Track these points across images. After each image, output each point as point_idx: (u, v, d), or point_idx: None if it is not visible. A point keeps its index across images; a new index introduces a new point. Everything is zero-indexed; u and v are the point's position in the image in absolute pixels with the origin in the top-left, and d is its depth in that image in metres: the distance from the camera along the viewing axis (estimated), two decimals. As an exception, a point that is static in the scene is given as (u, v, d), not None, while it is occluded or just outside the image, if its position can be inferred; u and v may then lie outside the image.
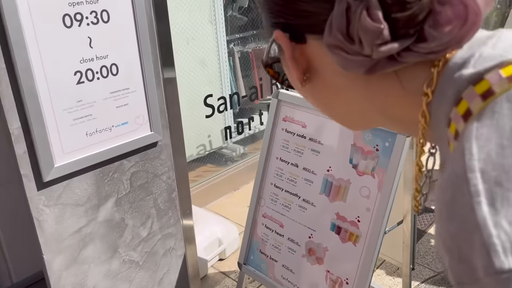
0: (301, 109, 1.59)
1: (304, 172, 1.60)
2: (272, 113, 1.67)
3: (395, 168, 1.36)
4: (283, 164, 1.66)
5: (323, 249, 1.57)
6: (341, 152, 1.50)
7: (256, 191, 1.75)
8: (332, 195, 1.53)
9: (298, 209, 1.63)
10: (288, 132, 1.64)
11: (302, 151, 1.61)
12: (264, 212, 1.74)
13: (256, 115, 3.16)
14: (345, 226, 1.50)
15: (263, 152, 1.71)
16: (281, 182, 1.68)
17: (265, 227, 1.74)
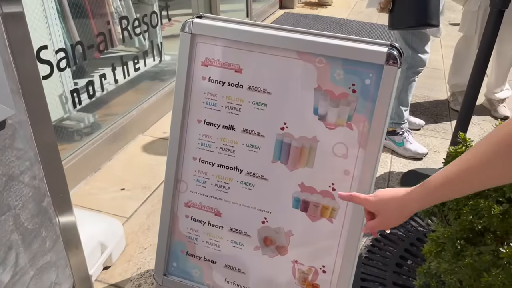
0: (232, 45, 1.10)
1: (246, 136, 1.14)
2: (184, 56, 1.13)
3: (384, 113, 1.01)
4: (211, 128, 1.17)
5: (285, 235, 1.16)
6: (300, 100, 1.08)
7: (170, 173, 1.22)
8: (292, 161, 1.12)
9: (241, 187, 1.18)
10: (213, 82, 1.14)
11: (239, 106, 1.13)
12: (188, 200, 1.23)
13: (107, 70, 2.48)
14: (315, 199, 1.12)
15: (175, 116, 1.18)
16: (210, 154, 1.18)
17: (191, 220, 1.24)
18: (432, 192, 0.78)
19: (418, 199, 0.81)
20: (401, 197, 0.84)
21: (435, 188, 0.77)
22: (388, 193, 0.88)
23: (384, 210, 0.88)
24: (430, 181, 0.78)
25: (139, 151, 2.57)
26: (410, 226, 2.05)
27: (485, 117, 3.09)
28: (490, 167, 0.68)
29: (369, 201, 0.91)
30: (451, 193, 0.77)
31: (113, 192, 2.20)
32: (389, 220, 0.88)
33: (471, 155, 0.71)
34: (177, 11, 3.30)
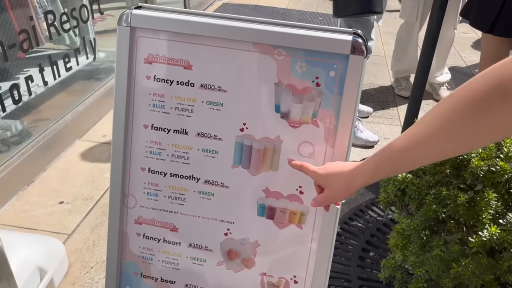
0: (179, 39, 0.97)
1: (201, 140, 1.02)
2: (123, 52, 0.98)
3: (352, 107, 0.93)
4: (160, 134, 1.03)
5: (251, 246, 1.06)
6: (260, 97, 0.97)
7: (115, 187, 1.07)
8: (254, 165, 1.01)
9: (199, 198, 1.05)
10: (159, 81, 1.00)
11: (190, 107, 1.00)
12: (138, 216, 1.09)
13: (34, 71, 2.24)
14: (281, 204, 1.02)
15: (117, 122, 1.03)
16: (160, 163, 1.05)
17: (144, 239, 1.10)
18: (380, 166, 0.77)
19: (366, 173, 0.80)
20: (350, 171, 0.83)
21: (383, 163, 0.76)
22: (337, 166, 0.87)
23: (332, 184, 0.87)
24: (378, 155, 0.77)
25: (77, 158, 2.35)
26: (369, 216, 2.02)
27: (428, 101, 3.16)
28: (437, 140, 0.66)
29: (317, 173, 0.89)
30: (399, 166, 0.76)
31: (50, 207, 1.99)
32: (336, 193, 0.87)
33: (419, 127, 0.69)
34: (110, 4, 3.06)
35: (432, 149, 0.68)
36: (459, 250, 1.25)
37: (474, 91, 0.61)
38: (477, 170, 1.27)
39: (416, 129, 0.70)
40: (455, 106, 0.63)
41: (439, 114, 0.66)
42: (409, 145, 0.71)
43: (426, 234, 1.35)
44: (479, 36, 4.56)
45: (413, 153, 0.71)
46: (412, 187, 1.43)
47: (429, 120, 0.68)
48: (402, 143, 0.72)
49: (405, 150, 0.72)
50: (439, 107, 0.66)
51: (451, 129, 0.64)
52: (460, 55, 4.04)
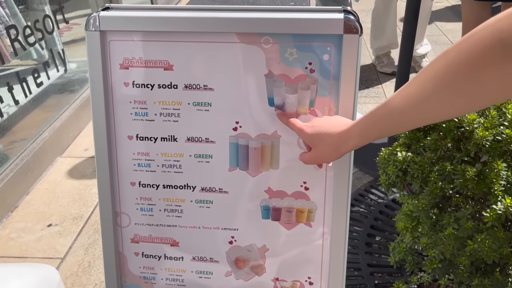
0: (155, 38, 0.88)
1: (192, 145, 0.93)
2: (96, 60, 0.89)
3: (351, 90, 0.86)
4: (147, 144, 0.95)
5: (259, 251, 0.99)
6: (250, 92, 0.89)
7: (105, 206, 0.98)
8: (253, 165, 0.93)
9: (198, 207, 0.97)
10: (138, 87, 0.91)
11: (176, 111, 0.92)
12: (134, 235, 1.01)
13: (3, 91, 2.11)
14: (286, 203, 0.95)
15: (98, 136, 0.94)
16: (151, 175, 0.96)
17: (143, 258, 1.02)
18: (372, 126, 0.73)
19: (357, 136, 0.75)
20: (338, 134, 0.78)
21: (376, 122, 0.71)
22: (325, 126, 0.81)
23: (319, 145, 0.81)
24: (368, 118, 0.72)
25: (60, 177, 2.24)
26: (370, 200, 1.97)
27: (411, 75, 3.12)
28: (431, 103, 0.61)
29: (304, 131, 0.84)
30: (392, 127, 0.71)
31: (38, 231, 1.88)
32: (324, 155, 0.82)
33: (410, 89, 0.64)
34: (74, 12, 2.93)
35: (425, 112, 0.64)
36: (472, 226, 1.20)
37: (470, 48, 0.54)
38: (481, 140, 1.21)
39: (408, 91, 0.65)
40: (450, 66, 0.56)
41: (432, 75, 0.60)
42: (401, 108, 0.66)
43: (435, 213, 1.30)
44: (451, 3, 4.55)
45: (404, 116, 0.66)
46: (414, 165, 1.37)
47: (422, 81, 0.62)
48: (393, 105, 0.68)
49: (396, 113, 0.67)
50: (432, 67, 0.60)
51: (445, 92, 0.58)
52: (436, 25, 4.01)
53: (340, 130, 0.78)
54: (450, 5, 4.49)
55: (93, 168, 2.25)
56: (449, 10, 4.39)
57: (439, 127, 1.33)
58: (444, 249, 1.28)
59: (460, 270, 1.30)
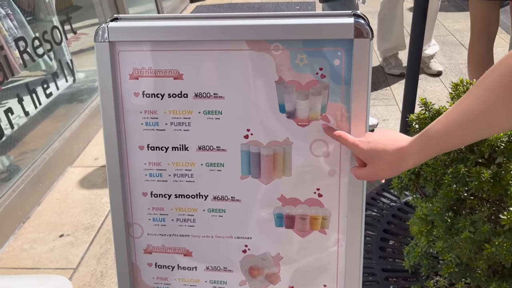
0: (164, 47, 0.88)
1: (203, 154, 0.93)
2: (105, 71, 0.89)
3: (364, 94, 0.85)
4: (158, 153, 0.94)
5: (273, 260, 0.97)
6: (261, 99, 0.89)
7: (118, 217, 0.98)
8: (265, 172, 0.92)
9: (210, 216, 0.96)
10: (148, 96, 0.91)
11: (187, 120, 0.91)
12: (147, 246, 1.00)
13: (13, 102, 2.13)
14: (300, 211, 0.94)
15: (109, 147, 0.94)
16: (163, 185, 0.96)
17: (156, 268, 1.01)
18: (432, 143, 0.71)
19: (417, 153, 0.73)
20: (397, 151, 0.75)
21: (436, 139, 0.70)
22: (381, 142, 0.78)
23: (376, 161, 0.78)
24: (430, 132, 0.71)
25: (71, 187, 2.25)
26: (382, 204, 1.95)
27: (420, 76, 3.09)
28: (493, 112, 0.61)
29: (359, 147, 0.81)
30: (453, 143, 0.71)
31: (50, 242, 1.89)
32: (381, 172, 0.79)
33: (471, 100, 0.64)
34: (82, 22, 2.96)
35: (484, 125, 0.64)
36: (489, 229, 1.18)
37: None
38: (496, 142, 1.19)
39: (465, 105, 0.65)
40: (505, 78, 0.57)
41: (487, 88, 0.60)
42: (460, 122, 0.66)
43: (450, 216, 1.28)
44: (457, 3, 4.52)
45: (462, 130, 0.66)
46: (427, 168, 1.35)
47: (477, 95, 0.62)
48: (449, 120, 0.67)
49: (459, 126, 0.66)
50: (486, 80, 0.61)
51: (504, 104, 0.59)
52: (443, 25, 3.98)
53: (398, 147, 0.76)
54: (457, 5, 4.46)
55: (104, 178, 2.26)
56: (455, 9, 4.37)
57: (452, 129, 1.31)
58: (460, 253, 1.26)
59: (478, 274, 1.28)
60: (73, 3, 2.92)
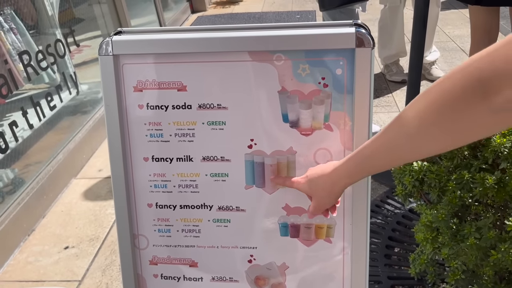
0: (168, 60, 0.89)
1: (208, 165, 0.93)
2: (110, 84, 0.90)
3: (366, 103, 0.85)
4: (163, 165, 0.95)
5: (279, 269, 0.97)
6: (264, 109, 0.89)
7: (123, 229, 0.98)
8: (269, 182, 0.93)
9: (215, 226, 0.97)
10: (153, 108, 0.92)
11: (191, 131, 0.92)
12: (153, 257, 1.00)
13: (17, 115, 2.14)
14: (305, 220, 0.94)
15: (114, 159, 0.95)
16: (168, 196, 0.96)
17: (162, 279, 1.01)
18: (358, 166, 0.73)
19: (347, 174, 0.75)
20: (329, 174, 0.78)
21: (362, 163, 0.72)
22: (317, 171, 0.81)
23: (315, 191, 0.82)
24: (358, 154, 0.72)
25: (76, 198, 2.25)
26: (386, 211, 1.95)
27: (421, 82, 3.10)
28: (418, 137, 0.60)
29: (300, 183, 0.85)
30: (378, 166, 0.71)
31: (55, 254, 1.89)
32: (322, 201, 0.82)
33: (396, 126, 0.64)
34: (84, 34, 2.98)
35: (410, 150, 0.64)
36: (495, 235, 1.17)
37: (451, 88, 0.54)
38: (499, 147, 1.19)
39: (391, 131, 0.65)
40: (433, 105, 0.56)
41: (415, 114, 0.60)
42: (386, 147, 0.66)
43: (455, 223, 1.27)
44: (457, 9, 4.53)
45: (389, 155, 0.67)
46: (431, 175, 1.35)
47: (404, 121, 0.62)
48: (377, 145, 0.68)
49: (381, 152, 0.68)
50: (414, 106, 0.60)
51: (430, 130, 0.58)
52: (444, 31, 3.99)
53: (330, 170, 0.79)
54: (456, 11, 4.48)
55: (108, 189, 2.26)
56: (455, 16, 4.38)
57: (455, 135, 1.31)
58: (466, 260, 1.25)
59: (484, 281, 1.27)
60: (75, 16, 2.95)
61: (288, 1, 5.38)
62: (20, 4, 2.35)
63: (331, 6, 2.12)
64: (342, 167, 0.77)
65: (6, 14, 2.26)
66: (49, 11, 2.53)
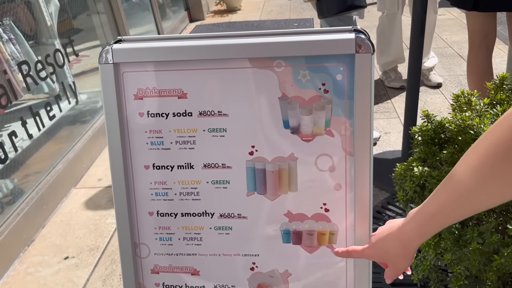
0: (168, 67, 0.89)
1: (209, 172, 0.93)
2: (110, 92, 0.90)
3: (367, 108, 0.85)
4: (163, 172, 0.94)
5: (281, 277, 0.97)
6: (265, 115, 0.89)
7: (124, 237, 0.97)
8: (271, 188, 0.92)
9: (217, 234, 0.96)
10: (153, 116, 0.92)
11: (192, 139, 0.92)
12: (154, 265, 1.00)
13: (17, 125, 2.14)
14: (307, 226, 0.94)
15: (115, 167, 0.94)
16: (169, 204, 0.96)
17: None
18: (429, 222, 0.69)
19: (418, 234, 0.71)
20: (397, 236, 0.74)
21: (431, 219, 0.68)
22: (381, 236, 0.78)
23: (388, 257, 0.78)
24: (423, 212, 0.69)
25: (76, 208, 2.24)
26: (388, 217, 1.94)
27: (420, 88, 3.11)
28: (489, 187, 0.58)
29: (367, 253, 0.81)
30: (451, 219, 0.68)
31: (55, 265, 1.88)
32: (398, 265, 0.78)
33: (464, 174, 0.60)
34: (83, 44, 2.99)
35: (474, 205, 0.62)
36: (498, 240, 1.17)
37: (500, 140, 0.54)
38: (500, 152, 1.19)
39: (463, 175, 0.62)
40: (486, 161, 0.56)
41: (469, 171, 0.59)
42: (459, 197, 0.63)
43: (457, 228, 1.27)
44: (454, 15, 4.56)
45: (465, 205, 0.63)
46: (432, 180, 1.35)
47: (476, 165, 0.59)
48: (449, 195, 0.64)
49: (454, 203, 0.64)
50: (466, 162, 0.59)
51: (488, 185, 0.57)
52: (441, 37, 4.01)
53: (396, 234, 0.75)
54: (453, 17, 4.50)
55: (108, 198, 2.26)
56: (452, 22, 4.41)
57: (455, 140, 1.32)
58: (469, 265, 1.25)
59: (488, 286, 1.27)
60: (74, 26, 2.96)
61: (286, 9, 5.41)
62: (19, 15, 2.35)
63: (330, 14, 2.13)
64: (409, 227, 0.73)
65: (5, 25, 2.26)
66: (48, 21, 2.54)
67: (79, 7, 3.04)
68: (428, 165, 1.39)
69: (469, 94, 1.31)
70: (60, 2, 2.69)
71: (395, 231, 0.75)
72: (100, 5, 3.23)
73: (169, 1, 4.91)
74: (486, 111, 1.31)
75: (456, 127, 1.28)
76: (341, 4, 2.03)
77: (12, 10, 2.30)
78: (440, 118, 1.32)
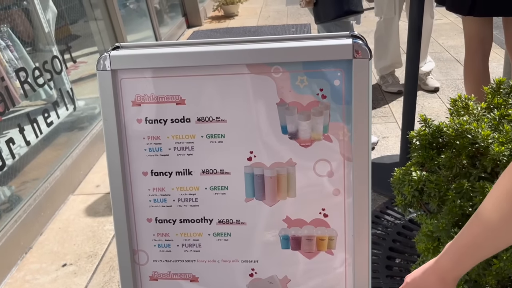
0: (166, 74, 0.89)
1: (207, 178, 0.93)
2: (108, 99, 0.90)
3: (364, 113, 0.85)
4: (162, 179, 0.94)
5: (281, 283, 0.96)
6: (263, 121, 0.89)
7: (122, 244, 0.97)
8: (269, 194, 0.92)
9: (215, 240, 0.96)
10: (151, 123, 0.92)
11: (190, 145, 0.92)
12: (153, 272, 0.99)
13: (14, 132, 2.14)
14: (306, 232, 0.93)
15: (113, 174, 0.94)
16: (167, 210, 0.96)
17: (162, 295, 1.00)
18: (464, 255, 0.69)
19: (454, 267, 0.70)
20: (433, 272, 0.73)
21: (467, 250, 0.68)
22: (418, 271, 0.77)
23: None
24: (459, 242, 0.69)
25: (73, 215, 2.23)
26: (386, 222, 1.94)
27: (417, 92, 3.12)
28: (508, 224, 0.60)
29: None
30: (487, 251, 0.68)
31: (53, 272, 1.87)
32: None
33: (493, 210, 0.61)
34: (81, 51, 2.99)
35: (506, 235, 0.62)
36: (496, 244, 1.17)
37: None
38: (498, 156, 1.20)
39: (492, 212, 0.63)
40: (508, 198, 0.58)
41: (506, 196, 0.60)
42: (490, 233, 0.64)
43: (456, 232, 1.27)
44: (450, 20, 4.59)
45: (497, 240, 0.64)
46: (430, 184, 1.35)
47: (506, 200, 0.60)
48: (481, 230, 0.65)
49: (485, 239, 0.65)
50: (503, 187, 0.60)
51: None
52: (438, 42, 4.03)
53: (434, 270, 0.73)
54: (449, 22, 4.53)
55: (106, 205, 2.25)
56: (449, 27, 4.43)
57: (453, 144, 1.32)
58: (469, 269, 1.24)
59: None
60: (72, 33, 2.96)
61: (283, 14, 5.43)
62: (16, 22, 2.36)
63: (327, 19, 2.14)
64: (445, 260, 0.72)
65: (3, 32, 2.27)
66: (46, 28, 2.55)
67: (76, 14, 3.05)
68: (426, 170, 1.39)
69: (467, 98, 1.32)
70: (58, 9, 2.70)
71: (431, 266, 0.74)
72: (98, 12, 3.24)
73: (167, 7, 4.93)
74: (484, 115, 1.32)
75: (454, 132, 1.28)
76: (338, 9, 2.04)
77: (10, 17, 2.31)
78: (438, 123, 1.33)
